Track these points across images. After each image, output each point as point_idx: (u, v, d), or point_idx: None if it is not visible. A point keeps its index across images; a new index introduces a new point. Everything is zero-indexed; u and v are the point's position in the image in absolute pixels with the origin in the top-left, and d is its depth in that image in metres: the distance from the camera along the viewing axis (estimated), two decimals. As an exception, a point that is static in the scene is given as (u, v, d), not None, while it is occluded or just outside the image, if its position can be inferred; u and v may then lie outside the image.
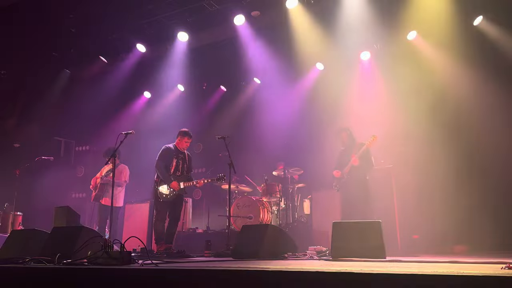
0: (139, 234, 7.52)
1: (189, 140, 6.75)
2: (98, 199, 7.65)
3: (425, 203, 7.02)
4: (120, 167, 7.78)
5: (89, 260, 3.51)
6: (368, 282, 2.05)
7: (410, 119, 7.55)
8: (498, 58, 7.05)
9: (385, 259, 4.16)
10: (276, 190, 7.83)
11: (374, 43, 8.28)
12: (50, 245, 4.34)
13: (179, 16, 8.31)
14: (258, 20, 8.33)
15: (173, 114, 10.01)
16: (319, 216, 7.15)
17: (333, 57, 8.58)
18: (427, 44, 7.84)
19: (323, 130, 8.44)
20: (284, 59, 8.73)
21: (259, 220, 7.58)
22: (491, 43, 7.22)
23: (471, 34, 7.38)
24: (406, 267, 2.94)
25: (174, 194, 6.49)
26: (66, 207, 5.97)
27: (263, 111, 9.45)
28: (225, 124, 9.69)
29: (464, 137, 7.06)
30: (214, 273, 2.52)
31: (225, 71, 9.59)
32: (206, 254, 6.04)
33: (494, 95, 6.86)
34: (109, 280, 2.83)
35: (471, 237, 6.42)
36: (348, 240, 4.40)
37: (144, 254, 5.23)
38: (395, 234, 6.48)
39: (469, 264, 3.37)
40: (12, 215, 7.90)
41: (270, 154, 8.66)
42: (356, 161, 6.28)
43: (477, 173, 6.88)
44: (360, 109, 8.02)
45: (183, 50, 9.22)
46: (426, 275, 1.96)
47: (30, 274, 3.19)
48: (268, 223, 7.46)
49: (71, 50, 9.42)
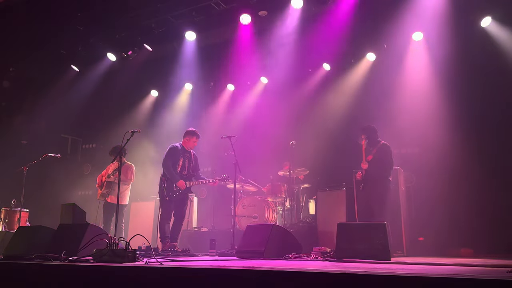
0: (144, 232, 7.53)
1: (197, 140, 6.77)
2: (104, 197, 7.69)
3: (431, 205, 6.99)
4: (126, 165, 7.81)
5: (94, 258, 3.53)
6: (373, 283, 2.05)
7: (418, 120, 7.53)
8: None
9: (390, 260, 4.15)
10: (281, 190, 7.83)
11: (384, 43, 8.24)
12: (56, 242, 4.37)
13: (186, 15, 8.33)
14: (264, 19, 8.33)
15: (180, 112, 10.03)
16: (324, 217, 7.13)
17: (341, 56, 8.57)
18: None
19: (329, 130, 8.43)
20: (292, 58, 8.71)
21: (264, 220, 7.58)
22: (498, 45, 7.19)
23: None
24: (411, 269, 2.92)
25: (180, 192, 6.51)
26: (72, 204, 6.00)
27: (270, 110, 9.47)
28: (231, 123, 9.70)
29: (472, 138, 7.02)
30: (218, 273, 2.52)
31: (233, 70, 9.58)
32: (210, 253, 6.06)
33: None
34: (114, 278, 2.84)
35: (476, 240, 6.38)
36: (353, 241, 4.38)
37: (149, 252, 5.25)
38: (400, 236, 6.45)
39: (474, 267, 3.35)
40: (19, 211, 7.95)
41: (275, 154, 8.66)
42: (365, 165, 6.24)
43: (485, 175, 6.83)
44: (368, 110, 8.00)
45: (190, 49, 9.24)
46: (431, 278, 1.95)
47: (36, 271, 3.22)
48: (273, 223, 7.46)
49: (79, 48, 9.47)
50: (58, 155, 8.14)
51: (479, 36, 7.33)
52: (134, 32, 8.92)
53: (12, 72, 9.84)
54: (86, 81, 10.03)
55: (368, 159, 6.25)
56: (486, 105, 7.02)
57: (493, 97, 6.98)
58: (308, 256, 4.99)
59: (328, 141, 8.33)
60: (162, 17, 8.44)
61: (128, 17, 8.45)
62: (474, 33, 7.38)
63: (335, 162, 8.08)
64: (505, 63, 7.02)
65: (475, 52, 7.31)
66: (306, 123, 8.94)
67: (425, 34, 7.82)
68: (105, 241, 3.60)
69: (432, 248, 6.59)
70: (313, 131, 8.72)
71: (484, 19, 7.28)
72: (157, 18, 8.46)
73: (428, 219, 6.93)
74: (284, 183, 7.96)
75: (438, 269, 2.93)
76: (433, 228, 6.81)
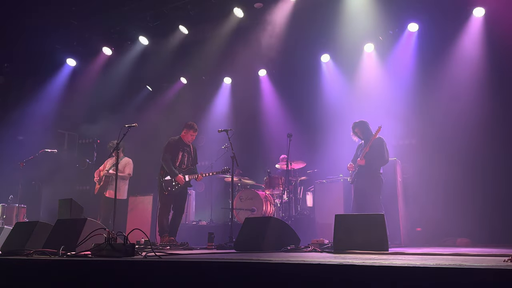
0: (143, 226, 7.55)
1: (195, 133, 6.77)
2: (102, 192, 7.69)
3: (428, 196, 7.02)
4: (124, 160, 7.80)
5: (93, 252, 3.52)
6: (371, 274, 2.05)
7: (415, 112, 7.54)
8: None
9: (388, 251, 4.16)
10: (279, 183, 7.84)
11: (379, 35, 8.21)
12: (54, 237, 4.36)
13: (181, 8, 8.28)
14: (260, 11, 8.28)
15: (176, 106, 10.00)
16: (321, 209, 7.15)
17: (339, 49, 8.54)
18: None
19: (326, 122, 8.43)
20: (290, 50, 8.68)
21: (262, 212, 7.60)
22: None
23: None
24: (409, 259, 2.94)
25: (179, 187, 6.51)
26: (70, 199, 5.98)
27: (267, 103, 9.46)
28: (227, 117, 9.69)
29: (468, 130, 7.03)
30: (217, 265, 2.52)
31: (229, 63, 9.54)
32: (209, 246, 6.07)
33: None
34: (113, 272, 2.85)
35: (474, 229, 6.42)
36: (350, 233, 4.39)
37: (147, 246, 5.25)
38: (398, 227, 6.48)
39: (472, 257, 3.37)
40: (16, 207, 7.94)
41: (273, 146, 8.65)
42: (362, 162, 6.22)
43: (481, 165, 6.86)
44: (363, 102, 8.00)
45: (185, 42, 9.20)
46: (429, 268, 1.96)
47: (34, 266, 3.21)
48: (271, 216, 7.47)
49: (74, 42, 9.42)
50: (55, 150, 8.13)
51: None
52: (129, 26, 8.87)
53: (7, 68, 9.78)
54: (82, 75, 9.99)
55: (363, 155, 6.22)
56: (482, 95, 7.02)
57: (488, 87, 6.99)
58: (306, 248, 5.01)
59: (325, 133, 8.33)
60: (157, 10, 8.40)
61: (123, 10, 8.40)
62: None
63: (332, 154, 8.08)
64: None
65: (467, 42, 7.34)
66: (304, 115, 8.93)
67: (420, 25, 7.82)
68: (103, 236, 3.60)
69: (429, 239, 6.63)
70: (310, 123, 8.72)
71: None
72: (152, 11, 8.41)
73: (425, 210, 6.96)
74: (282, 175, 7.97)
75: (436, 259, 2.95)
76: (430, 218, 6.85)
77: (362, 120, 6.53)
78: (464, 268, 1.89)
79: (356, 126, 6.51)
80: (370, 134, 6.33)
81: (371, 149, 6.20)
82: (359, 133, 6.49)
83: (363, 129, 6.46)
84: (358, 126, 6.49)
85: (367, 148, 6.21)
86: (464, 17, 7.41)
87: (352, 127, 6.55)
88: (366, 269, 2.08)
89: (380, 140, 6.25)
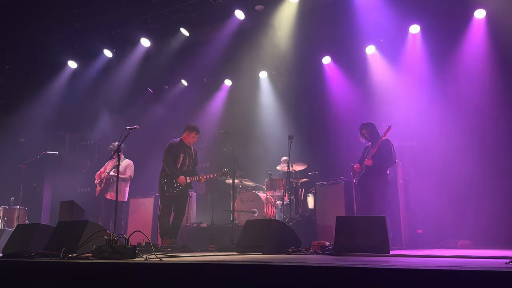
0: (144, 228, 7.56)
1: (197, 135, 6.77)
2: (103, 194, 7.69)
3: (429, 198, 7.01)
4: (125, 162, 7.81)
5: (94, 254, 3.52)
6: (372, 277, 2.05)
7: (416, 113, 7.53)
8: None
9: (389, 253, 4.16)
10: (280, 185, 7.83)
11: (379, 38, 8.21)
12: (55, 239, 4.36)
13: (182, 10, 8.29)
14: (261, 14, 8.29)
15: (177, 109, 10.01)
16: (323, 211, 7.14)
17: (340, 50, 8.54)
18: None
19: (328, 124, 8.43)
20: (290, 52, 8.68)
21: (263, 214, 7.59)
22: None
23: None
24: (410, 261, 2.93)
25: (181, 188, 6.51)
26: (71, 201, 5.99)
27: (268, 105, 9.46)
28: (228, 119, 9.69)
29: (470, 131, 7.03)
30: (218, 267, 2.52)
31: (229, 65, 9.55)
32: (210, 248, 6.07)
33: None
34: (114, 274, 2.85)
35: (475, 231, 6.40)
36: (352, 235, 4.38)
37: (148, 248, 5.25)
38: (399, 229, 6.47)
39: (473, 259, 3.36)
40: (17, 209, 7.95)
41: (274, 148, 8.65)
42: (370, 162, 6.22)
43: (483, 167, 6.85)
44: (364, 104, 8.00)
45: (187, 45, 9.21)
46: (430, 270, 1.96)
47: (36, 269, 3.21)
48: (272, 218, 7.46)
49: (75, 45, 9.43)
50: (56, 152, 8.14)
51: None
52: (130, 28, 8.89)
53: (9, 70, 9.79)
54: (83, 77, 10.00)
55: (371, 156, 6.23)
56: (485, 97, 7.02)
57: (492, 89, 6.99)
58: (308, 250, 5.00)
59: (326, 135, 8.32)
60: (159, 13, 8.41)
61: (124, 12, 8.41)
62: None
63: (333, 156, 8.08)
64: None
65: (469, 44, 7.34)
66: (305, 117, 8.93)
67: (421, 27, 7.82)
68: (104, 238, 3.60)
69: (431, 241, 6.62)
70: (312, 125, 8.72)
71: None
72: (153, 13, 8.42)
73: (426, 212, 6.95)
74: (283, 177, 7.96)
75: (437, 261, 2.94)
76: (432, 220, 6.83)
77: (369, 122, 6.56)
78: (465, 271, 1.89)
79: (363, 127, 6.53)
80: (378, 136, 6.36)
81: (379, 150, 6.22)
82: (367, 134, 6.51)
83: (370, 131, 6.47)
84: (365, 127, 6.52)
85: (374, 149, 6.23)
86: (466, 20, 7.41)
87: (359, 128, 6.57)
88: (367, 271, 2.08)
89: (387, 141, 6.28)
